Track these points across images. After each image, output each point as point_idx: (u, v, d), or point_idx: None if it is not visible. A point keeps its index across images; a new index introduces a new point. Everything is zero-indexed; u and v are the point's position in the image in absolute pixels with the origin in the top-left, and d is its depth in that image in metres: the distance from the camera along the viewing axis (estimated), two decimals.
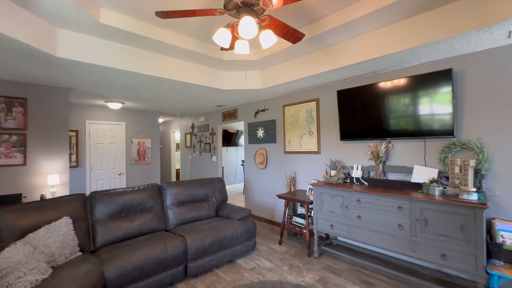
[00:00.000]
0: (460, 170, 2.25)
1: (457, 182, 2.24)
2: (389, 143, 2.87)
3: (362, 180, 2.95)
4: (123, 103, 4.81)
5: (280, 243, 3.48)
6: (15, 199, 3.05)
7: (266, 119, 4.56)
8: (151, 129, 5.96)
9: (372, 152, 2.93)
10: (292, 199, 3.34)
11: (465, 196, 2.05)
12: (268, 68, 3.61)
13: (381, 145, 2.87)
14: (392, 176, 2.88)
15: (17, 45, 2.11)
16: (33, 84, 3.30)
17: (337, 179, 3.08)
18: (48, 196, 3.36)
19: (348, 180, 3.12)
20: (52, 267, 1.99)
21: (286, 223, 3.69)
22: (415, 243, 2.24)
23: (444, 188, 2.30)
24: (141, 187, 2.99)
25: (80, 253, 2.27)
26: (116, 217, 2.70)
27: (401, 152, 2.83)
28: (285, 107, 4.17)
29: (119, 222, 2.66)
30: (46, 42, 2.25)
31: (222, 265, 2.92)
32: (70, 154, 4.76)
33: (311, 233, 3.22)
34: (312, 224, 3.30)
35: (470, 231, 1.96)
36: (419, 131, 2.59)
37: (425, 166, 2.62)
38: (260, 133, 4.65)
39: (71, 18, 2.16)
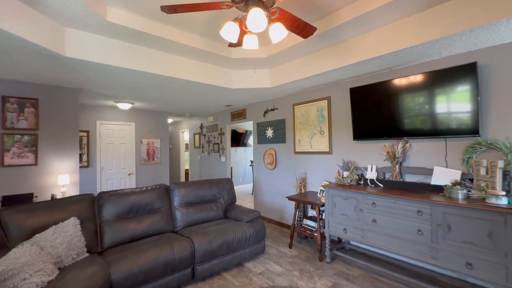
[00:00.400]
0: (487, 172, 2.08)
1: (483, 184, 2.07)
2: (406, 143, 2.71)
3: (377, 182, 2.80)
4: (132, 103, 4.83)
5: (290, 246, 3.37)
6: (27, 198, 3.09)
7: (275, 119, 4.46)
8: (160, 129, 5.97)
9: (387, 153, 2.78)
10: (303, 201, 3.22)
11: (493, 200, 1.88)
12: (277, 66, 3.51)
13: (398, 145, 2.71)
14: (409, 178, 2.71)
15: (25, 45, 2.11)
16: (44, 85, 3.33)
17: (350, 181, 2.94)
18: (59, 195, 3.39)
19: (362, 182, 2.97)
20: (59, 268, 1.96)
21: (296, 225, 3.57)
22: (436, 250, 2.08)
23: (469, 191, 2.13)
24: (149, 187, 2.96)
25: (87, 254, 2.25)
26: (123, 218, 2.67)
27: (420, 152, 2.66)
28: (295, 106, 4.06)
29: (127, 223, 2.63)
30: (54, 41, 2.24)
31: (231, 268, 2.84)
32: (81, 154, 4.82)
33: (322, 236, 3.09)
34: (324, 227, 3.17)
35: (499, 238, 1.79)
36: (439, 130, 2.43)
37: (446, 167, 2.45)
38: (269, 133, 4.55)
39: (78, 17, 2.14)
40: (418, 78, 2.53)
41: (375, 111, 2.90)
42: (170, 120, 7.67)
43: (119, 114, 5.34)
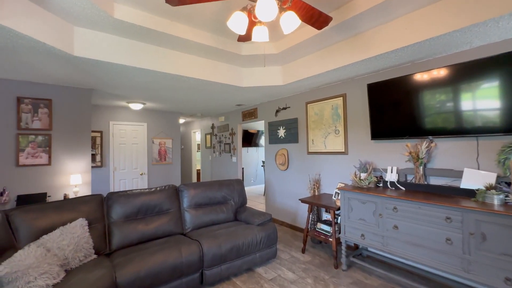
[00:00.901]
0: None
1: None
2: (431, 142, 2.49)
3: (398, 185, 2.59)
4: (144, 103, 4.84)
5: (303, 251, 3.20)
6: (41, 198, 3.13)
7: (287, 118, 4.31)
8: (172, 129, 5.98)
9: (410, 153, 2.56)
10: (317, 204, 3.05)
11: None
12: (289, 63, 3.36)
13: (421, 145, 2.49)
14: (435, 181, 2.49)
15: (34, 44, 2.10)
16: (57, 86, 3.37)
17: (368, 183, 2.74)
18: (71, 195, 3.41)
19: (381, 184, 2.77)
20: (65, 271, 1.93)
21: (309, 229, 3.41)
22: (468, 262, 1.86)
23: (506, 196, 1.89)
24: (158, 188, 2.90)
25: (95, 256, 2.21)
26: (132, 219, 2.62)
27: (447, 152, 2.43)
28: (308, 105, 3.89)
29: (135, 224, 2.58)
30: (63, 40, 2.22)
31: (241, 273, 2.73)
32: (95, 154, 4.89)
33: (338, 242, 2.91)
34: (339, 232, 2.99)
35: None
36: (469, 128, 2.20)
37: (478, 169, 2.21)
38: (281, 132, 4.41)
39: (85, 14, 2.10)
40: (444, 71, 2.31)
41: (395, 108, 2.69)
42: (182, 121, 7.69)
43: (131, 114, 5.38)
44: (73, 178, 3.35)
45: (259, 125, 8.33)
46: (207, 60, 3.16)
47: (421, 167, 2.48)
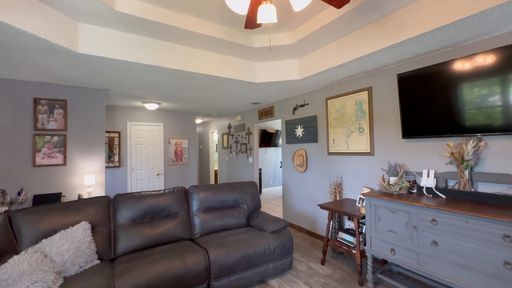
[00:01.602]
0: None
1: None
2: (480, 141, 2.06)
3: (437, 192, 2.19)
4: (159, 103, 4.80)
5: (322, 263, 2.88)
6: (56, 198, 3.14)
7: (305, 116, 4.00)
8: (188, 129, 5.91)
9: (452, 154, 2.15)
10: (338, 211, 2.72)
11: None
12: (306, 54, 3.06)
13: (467, 144, 2.07)
14: (484, 188, 2.05)
15: (36, 41, 2.04)
16: (71, 86, 3.39)
17: (399, 189, 2.36)
18: (85, 196, 3.42)
19: (415, 191, 2.37)
20: (64, 277, 1.83)
21: (330, 238, 3.08)
22: None
23: None
24: (166, 190, 2.77)
25: (98, 262, 2.10)
26: (138, 222, 2.50)
27: (501, 153, 1.99)
28: (328, 101, 3.55)
29: (142, 228, 2.46)
30: (67, 37, 2.15)
31: (252, 285, 2.49)
32: (113, 155, 4.95)
33: (362, 254, 2.56)
34: (364, 244, 2.63)
35: None
36: None
37: None
38: (299, 131, 4.10)
39: (86, 8, 2.00)
40: (499, 53, 1.88)
41: (432, 100, 2.28)
42: (199, 121, 7.65)
43: (148, 115, 5.39)
44: (87, 178, 3.34)
45: (278, 125, 8.05)
46: (217, 55, 2.97)
47: (467, 171, 2.06)
